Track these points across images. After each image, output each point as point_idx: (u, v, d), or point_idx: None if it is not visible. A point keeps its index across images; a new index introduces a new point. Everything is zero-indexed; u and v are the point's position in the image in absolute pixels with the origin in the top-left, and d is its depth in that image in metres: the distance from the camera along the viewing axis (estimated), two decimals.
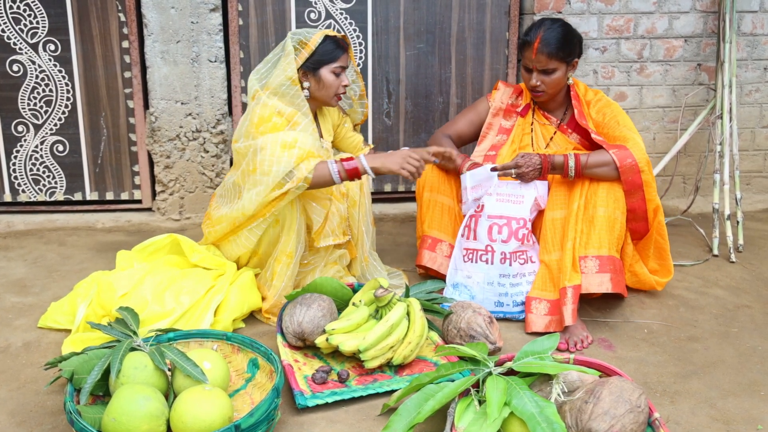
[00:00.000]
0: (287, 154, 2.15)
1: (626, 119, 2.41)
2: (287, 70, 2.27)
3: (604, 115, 2.43)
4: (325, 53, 2.30)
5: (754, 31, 3.49)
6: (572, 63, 2.43)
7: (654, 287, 2.42)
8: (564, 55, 2.37)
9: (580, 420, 1.47)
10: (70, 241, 3.03)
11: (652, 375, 1.98)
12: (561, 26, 2.40)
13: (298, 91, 2.27)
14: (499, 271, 2.29)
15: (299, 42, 2.30)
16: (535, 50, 2.35)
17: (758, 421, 1.76)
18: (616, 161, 2.23)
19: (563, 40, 2.37)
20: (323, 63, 2.31)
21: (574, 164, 2.27)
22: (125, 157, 3.29)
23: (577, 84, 2.52)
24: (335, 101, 2.39)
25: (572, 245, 2.24)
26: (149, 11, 3.05)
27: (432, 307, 2.12)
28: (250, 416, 1.51)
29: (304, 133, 2.22)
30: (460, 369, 1.70)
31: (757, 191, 3.73)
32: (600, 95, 2.50)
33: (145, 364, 1.66)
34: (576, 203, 2.28)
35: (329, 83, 2.32)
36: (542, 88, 2.41)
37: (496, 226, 2.28)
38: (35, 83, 3.16)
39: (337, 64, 2.32)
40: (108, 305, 2.06)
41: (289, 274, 2.29)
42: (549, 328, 2.21)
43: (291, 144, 2.16)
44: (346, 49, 2.36)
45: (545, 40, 2.35)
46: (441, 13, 3.34)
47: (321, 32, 2.33)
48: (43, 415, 1.75)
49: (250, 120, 2.25)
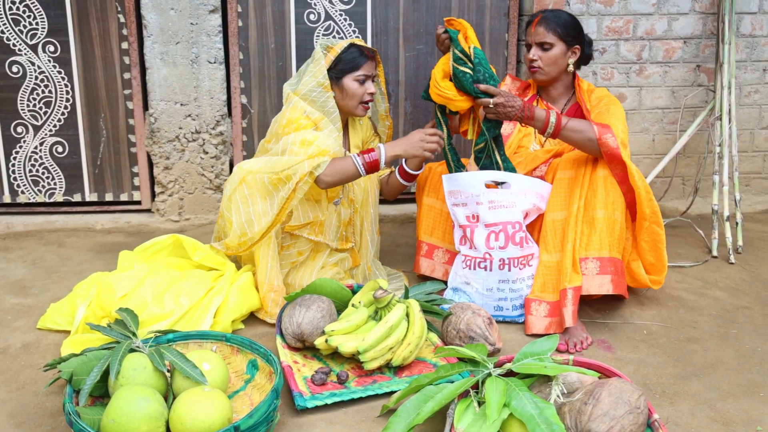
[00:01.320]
0: (303, 151, 2.19)
1: (619, 112, 2.40)
2: (318, 76, 2.30)
3: (599, 101, 2.47)
4: (348, 61, 2.33)
5: (754, 33, 3.50)
6: (573, 48, 2.49)
7: (648, 285, 2.41)
8: (562, 32, 2.45)
9: (579, 421, 1.47)
10: (69, 242, 3.03)
11: (651, 376, 1.98)
12: (566, 13, 2.51)
13: (329, 98, 2.30)
14: (498, 277, 2.28)
15: (326, 47, 2.35)
16: (535, 23, 2.47)
17: (758, 423, 1.76)
18: (596, 132, 2.23)
19: (564, 21, 2.47)
20: (346, 71, 2.33)
21: (555, 121, 2.25)
22: (124, 159, 3.29)
23: (580, 80, 2.58)
24: (362, 110, 2.40)
25: (572, 246, 2.24)
26: (149, 12, 3.05)
27: (431, 308, 2.12)
28: (249, 417, 1.51)
29: (326, 137, 2.24)
30: (459, 370, 1.70)
31: (757, 192, 3.73)
32: (603, 90, 2.54)
33: (144, 366, 1.66)
34: (576, 204, 2.27)
35: (352, 91, 2.34)
36: (539, 63, 2.48)
37: (493, 234, 2.27)
38: (34, 84, 3.16)
39: (360, 72, 2.33)
40: (107, 306, 2.06)
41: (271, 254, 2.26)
42: (549, 329, 2.20)
43: (309, 142, 2.20)
44: (371, 58, 2.36)
45: (546, 16, 2.47)
46: (440, 15, 3.33)
47: (348, 40, 2.37)
48: (42, 416, 1.75)
49: (280, 122, 2.31)
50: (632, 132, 3.53)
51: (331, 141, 2.24)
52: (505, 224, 2.27)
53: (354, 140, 2.53)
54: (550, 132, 2.27)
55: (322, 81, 2.30)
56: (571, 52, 2.50)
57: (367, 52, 2.36)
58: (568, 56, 2.50)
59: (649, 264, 2.39)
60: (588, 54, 2.56)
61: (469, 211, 2.30)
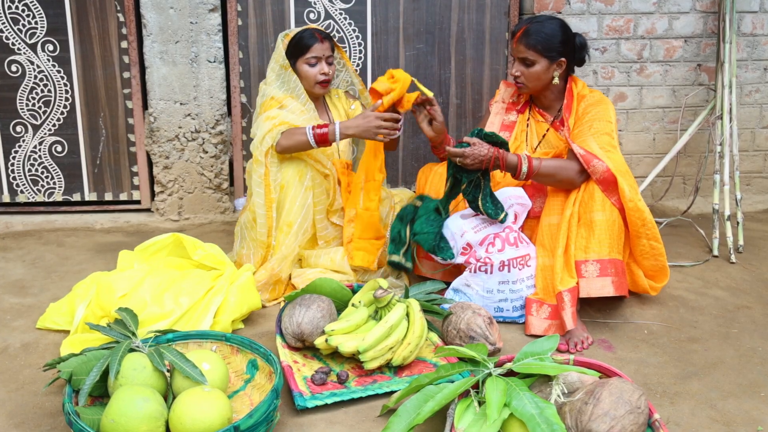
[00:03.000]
0: (267, 124, 2.42)
1: (604, 127, 2.34)
2: (279, 60, 2.53)
3: (585, 114, 2.40)
4: (297, 44, 2.52)
5: (754, 32, 3.49)
6: (558, 62, 2.37)
7: (647, 291, 2.41)
8: (543, 49, 2.34)
9: (580, 421, 1.47)
10: (68, 241, 3.02)
11: (652, 376, 1.98)
12: (552, 23, 2.37)
13: (290, 75, 2.52)
14: (499, 278, 2.27)
15: (284, 35, 2.57)
16: (517, 38, 2.38)
17: (758, 423, 1.76)
18: (578, 167, 2.24)
19: (547, 36, 2.34)
20: (298, 55, 2.53)
21: (526, 169, 2.25)
22: (124, 158, 3.29)
23: (575, 81, 2.49)
24: (320, 89, 2.57)
25: (563, 251, 2.23)
26: (148, 11, 3.04)
27: (431, 308, 2.11)
28: (249, 417, 1.51)
29: (287, 113, 2.46)
30: (459, 370, 1.69)
31: (757, 192, 3.73)
32: (596, 95, 2.45)
33: (144, 366, 1.66)
34: (569, 210, 2.26)
35: (304, 73, 2.54)
36: (522, 79, 2.41)
37: (489, 245, 2.28)
38: (34, 83, 3.15)
39: (310, 55, 2.51)
40: (107, 306, 2.05)
41: (290, 242, 2.45)
42: (548, 331, 2.20)
43: (272, 117, 2.44)
44: (320, 41, 2.51)
45: (528, 31, 2.36)
46: (440, 14, 3.33)
47: (303, 27, 2.57)
48: (41, 416, 1.75)
49: (256, 112, 2.55)
50: (633, 131, 3.53)
51: (292, 116, 2.46)
52: (497, 234, 2.28)
53: (337, 112, 2.71)
54: (523, 178, 2.27)
55: (283, 63, 2.52)
56: (556, 65, 2.38)
57: (318, 35, 2.52)
58: (553, 70, 2.38)
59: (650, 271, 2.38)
60: (580, 58, 2.45)
61: (459, 246, 2.31)
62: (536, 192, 2.44)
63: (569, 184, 2.28)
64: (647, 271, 2.39)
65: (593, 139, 2.29)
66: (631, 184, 2.24)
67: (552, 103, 2.50)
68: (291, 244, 2.45)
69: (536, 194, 2.44)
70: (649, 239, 2.29)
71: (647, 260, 2.34)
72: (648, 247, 2.31)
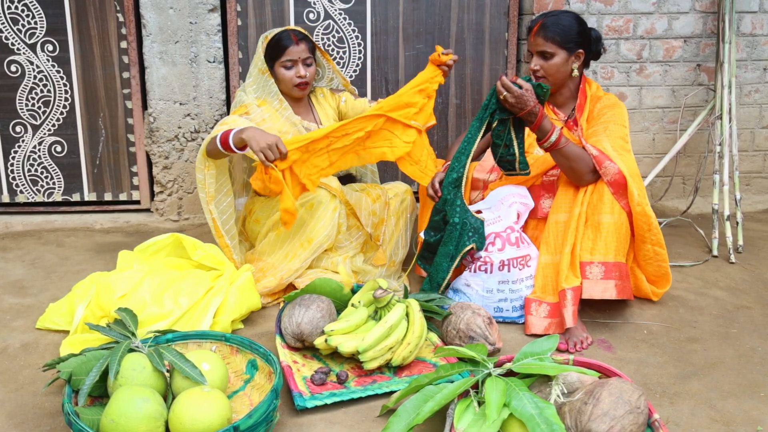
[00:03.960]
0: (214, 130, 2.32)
1: (618, 130, 2.35)
2: (258, 63, 2.48)
3: (600, 115, 2.40)
4: (273, 48, 2.46)
5: (754, 32, 3.49)
6: (576, 53, 2.39)
7: (649, 296, 2.41)
8: (562, 40, 2.35)
9: (579, 421, 1.47)
10: (68, 241, 3.02)
11: (651, 376, 1.98)
12: (568, 15, 2.40)
13: (267, 80, 2.46)
14: (498, 278, 2.27)
15: (264, 37, 2.50)
16: (534, 32, 2.38)
17: (758, 423, 1.76)
18: (591, 164, 2.23)
19: (564, 27, 2.35)
20: (274, 58, 2.47)
21: (555, 138, 2.22)
22: (123, 158, 3.29)
23: (589, 82, 2.50)
24: (297, 92, 2.52)
25: (570, 249, 2.23)
26: (148, 11, 3.04)
27: (431, 308, 2.11)
28: (248, 417, 1.51)
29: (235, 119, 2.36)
30: (459, 370, 1.69)
31: (757, 192, 3.73)
32: (611, 97, 2.46)
33: (143, 366, 1.66)
34: (578, 209, 2.26)
35: (281, 76, 2.49)
36: (541, 73, 2.39)
37: (490, 245, 2.28)
38: (33, 84, 3.15)
39: (286, 58, 2.46)
40: (106, 306, 2.05)
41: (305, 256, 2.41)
42: (548, 330, 2.20)
43: (225, 122, 2.35)
44: (296, 43, 2.45)
45: (545, 24, 2.36)
46: (440, 14, 3.33)
47: (282, 29, 2.51)
48: (41, 416, 1.75)
49: None
50: (632, 131, 3.52)
51: (241, 120, 2.35)
52: (497, 234, 2.28)
53: (324, 111, 2.66)
54: (546, 146, 2.24)
55: (261, 67, 2.47)
56: (575, 57, 2.39)
57: (293, 36, 2.45)
58: (572, 62, 2.40)
59: (652, 277, 2.38)
60: (596, 51, 2.47)
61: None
62: (545, 192, 2.43)
63: (578, 178, 2.27)
64: (650, 276, 2.39)
65: (608, 141, 2.29)
66: (641, 188, 2.24)
67: (566, 101, 2.50)
68: (307, 258, 2.42)
69: (544, 194, 2.42)
70: (654, 245, 2.29)
71: (650, 265, 2.34)
72: (652, 253, 2.31)
